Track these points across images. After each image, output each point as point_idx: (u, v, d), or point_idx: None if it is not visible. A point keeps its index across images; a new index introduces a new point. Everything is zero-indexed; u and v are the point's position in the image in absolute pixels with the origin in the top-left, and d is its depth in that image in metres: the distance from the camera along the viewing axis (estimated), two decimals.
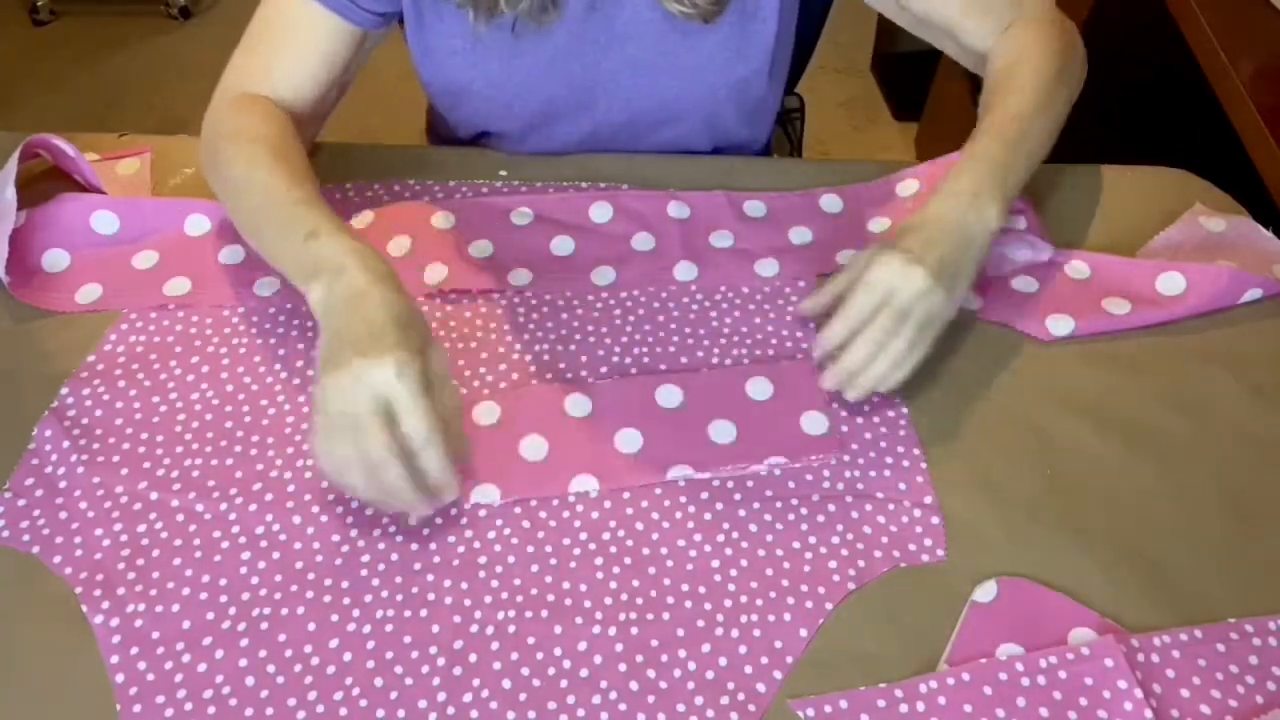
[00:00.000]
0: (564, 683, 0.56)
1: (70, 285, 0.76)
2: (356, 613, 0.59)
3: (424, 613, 0.59)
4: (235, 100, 0.78)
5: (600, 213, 0.82)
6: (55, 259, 0.78)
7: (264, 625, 0.58)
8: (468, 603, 0.60)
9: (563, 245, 0.80)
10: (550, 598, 0.60)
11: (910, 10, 0.84)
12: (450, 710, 0.55)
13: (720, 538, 0.63)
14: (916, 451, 0.67)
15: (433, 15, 0.80)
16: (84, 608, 0.58)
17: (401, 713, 0.55)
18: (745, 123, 0.90)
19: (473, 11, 0.77)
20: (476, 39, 0.79)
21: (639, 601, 0.60)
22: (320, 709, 0.55)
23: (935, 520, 0.64)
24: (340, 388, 0.57)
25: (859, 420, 0.69)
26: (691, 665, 0.57)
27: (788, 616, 0.59)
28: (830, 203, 0.84)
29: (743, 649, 0.58)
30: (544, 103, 0.85)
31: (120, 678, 0.56)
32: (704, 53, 0.82)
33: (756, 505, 0.64)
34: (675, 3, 0.77)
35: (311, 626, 0.58)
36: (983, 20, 0.82)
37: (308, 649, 0.57)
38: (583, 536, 0.63)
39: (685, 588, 0.60)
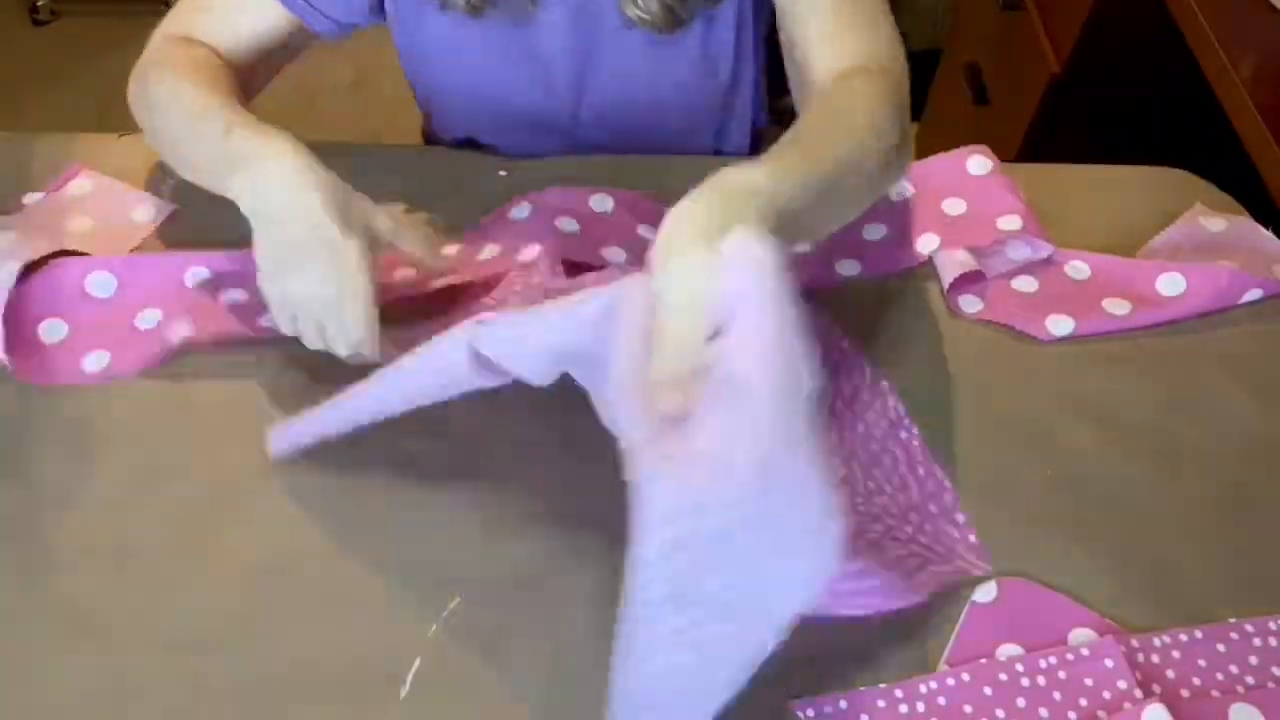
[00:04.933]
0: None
1: (74, 353, 0.72)
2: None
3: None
4: (170, 38, 0.78)
5: (600, 203, 0.81)
6: (52, 328, 0.73)
7: None
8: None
9: (568, 224, 0.79)
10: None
11: (784, 29, 0.78)
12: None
13: None
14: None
15: (413, 16, 0.80)
16: None
17: None
18: (721, 135, 0.91)
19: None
20: (457, 40, 0.80)
21: None
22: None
23: (972, 538, 0.63)
24: (284, 299, 0.64)
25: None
26: None
27: None
28: (900, 189, 0.83)
29: None
30: (528, 109, 0.85)
31: None
32: (674, 67, 0.83)
33: None
34: (634, 9, 0.77)
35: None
36: (826, 51, 0.73)
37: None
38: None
39: None
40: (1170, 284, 0.76)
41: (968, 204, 0.81)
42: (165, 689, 0.56)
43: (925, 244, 0.79)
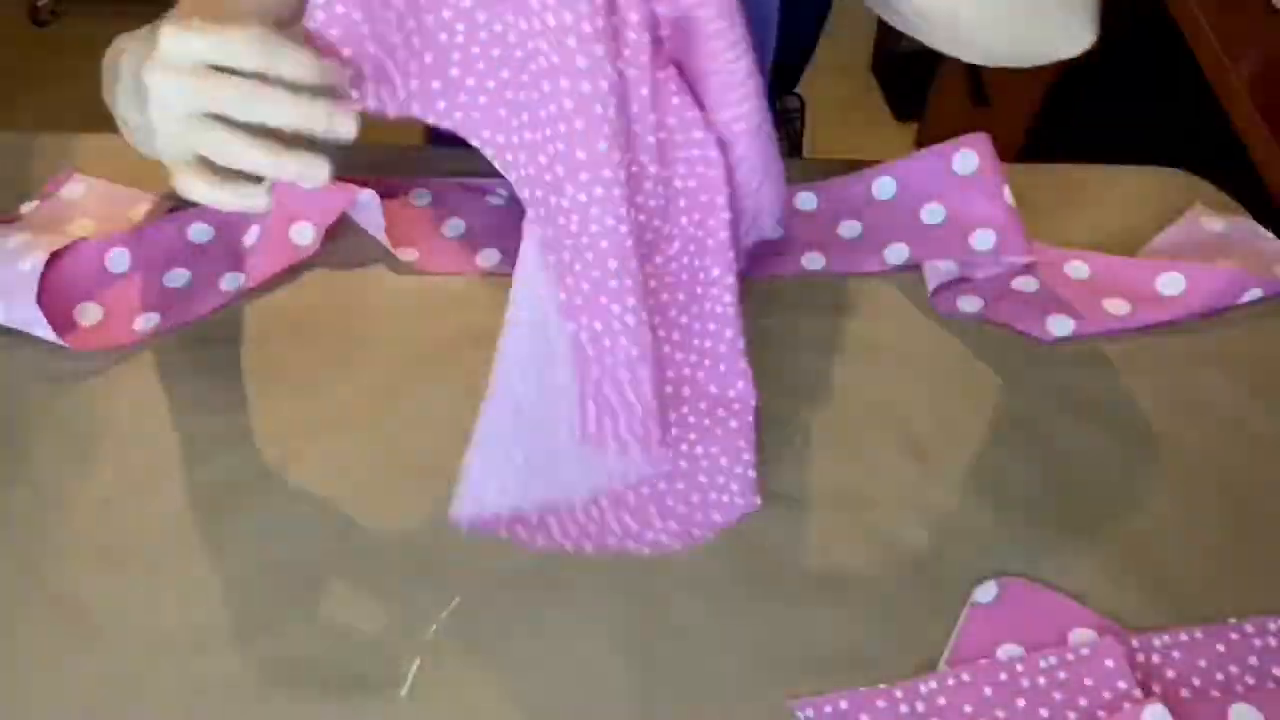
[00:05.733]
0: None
1: (120, 322, 0.74)
2: None
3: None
4: None
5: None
6: (86, 311, 0.75)
7: None
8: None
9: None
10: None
11: None
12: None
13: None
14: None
15: None
16: None
17: None
18: None
19: None
20: None
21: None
22: None
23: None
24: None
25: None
26: None
27: None
28: (883, 187, 0.81)
29: None
30: None
31: None
32: None
33: None
34: None
35: None
36: None
37: None
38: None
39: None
40: (1170, 284, 0.76)
41: (946, 212, 0.78)
42: (165, 689, 0.56)
43: (894, 255, 0.78)
